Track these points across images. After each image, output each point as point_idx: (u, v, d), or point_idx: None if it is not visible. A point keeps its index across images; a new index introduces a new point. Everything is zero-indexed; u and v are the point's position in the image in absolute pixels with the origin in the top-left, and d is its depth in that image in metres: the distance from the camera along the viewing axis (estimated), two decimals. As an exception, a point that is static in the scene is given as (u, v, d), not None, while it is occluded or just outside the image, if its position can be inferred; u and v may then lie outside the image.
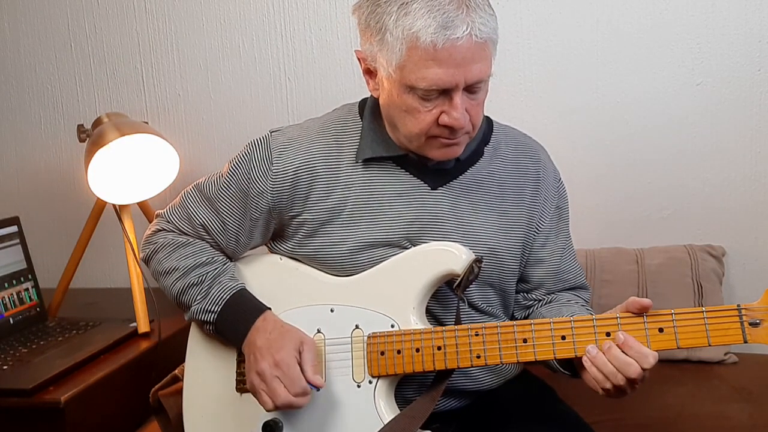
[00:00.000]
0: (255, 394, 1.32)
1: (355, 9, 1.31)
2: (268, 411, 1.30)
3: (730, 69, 2.12)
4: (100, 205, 2.15)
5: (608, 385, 1.21)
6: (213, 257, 1.45)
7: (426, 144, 1.31)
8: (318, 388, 1.30)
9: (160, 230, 1.51)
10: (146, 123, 2.20)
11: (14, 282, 2.02)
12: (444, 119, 1.26)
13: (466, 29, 1.20)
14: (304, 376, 1.28)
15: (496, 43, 1.27)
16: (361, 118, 1.42)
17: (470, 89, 1.26)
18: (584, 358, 1.22)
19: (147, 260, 1.52)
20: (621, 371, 1.19)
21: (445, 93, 1.25)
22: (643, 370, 1.18)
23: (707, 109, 2.14)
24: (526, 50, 2.21)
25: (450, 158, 1.35)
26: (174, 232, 1.49)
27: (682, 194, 2.19)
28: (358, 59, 1.34)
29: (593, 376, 1.22)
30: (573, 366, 1.32)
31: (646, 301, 1.22)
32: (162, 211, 1.53)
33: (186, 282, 1.43)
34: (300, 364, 1.29)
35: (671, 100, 2.15)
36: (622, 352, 1.19)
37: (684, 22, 2.12)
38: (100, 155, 1.97)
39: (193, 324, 1.49)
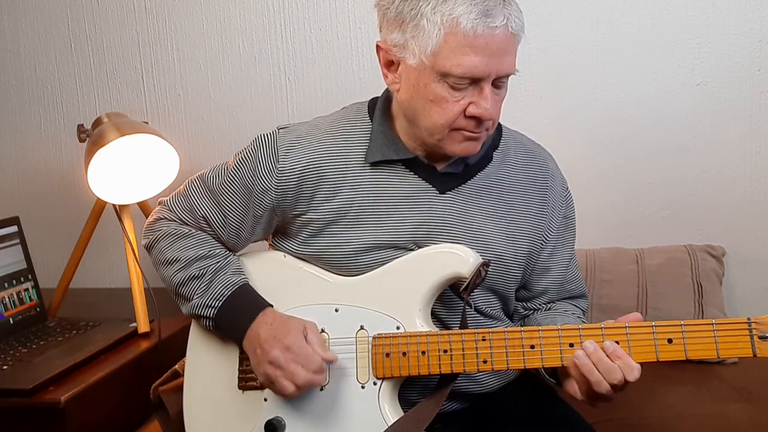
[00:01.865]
0: (272, 384, 1.31)
1: (380, 0, 1.31)
2: (289, 395, 1.30)
3: (730, 69, 2.12)
4: (100, 205, 2.14)
5: (589, 391, 1.22)
6: (215, 250, 1.45)
7: (448, 137, 1.31)
8: (331, 362, 1.31)
9: (162, 218, 1.50)
10: (146, 123, 2.20)
11: (14, 282, 2.02)
12: (472, 110, 1.27)
13: (504, 20, 1.22)
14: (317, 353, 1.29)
15: (521, 41, 1.29)
16: (371, 119, 1.41)
17: (496, 83, 1.28)
18: (571, 365, 1.22)
19: (149, 248, 1.52)
20: (605, 377, 1.19)
21: (475, 83, 1.26)
22: (626, 381, 1.19)
23: (707, 109, 2.15)
24: (526, 50, 2.20)
25: (469, 154, 1.34)
26: (175, 221, 1.49)
27: (682, 194, 2.19)
28: (378, 51, 1.34)
29: (576, 379, 1.23)
30: (556, 373, 1.33)
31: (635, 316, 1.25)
32: (165, 198, 1.53)
33: (187, 274, 1.42)
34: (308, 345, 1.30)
35: (671, 100, 2.16)
36: (609, 359, 1.20)
37: (684, 22, 2.12)
38: (100, 155, 1.97)
39: (193, 319, 1.49)
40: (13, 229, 2.05)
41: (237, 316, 1.38)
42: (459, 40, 1.22)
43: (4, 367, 1.74)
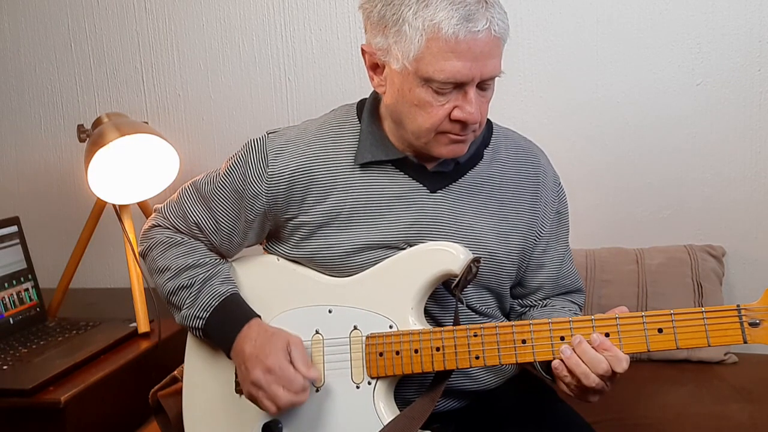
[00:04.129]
0: (256, 403, 1.31)
1: (364, 3, 1.30)
2: (272, 414, 1.30)
3: (730, 69, 2.12)
4: (100, 205, 2.15)
5: (574, 385, 1.22)
6: (205, 258, 1.45)
7: (434, 140, 1.30)
8: (314, 384, 1.30)
9: (156, 226, 1.51)
10: (146, 123, 2.20)
11: (14, 282, 2.02)
12: (457, 114, 1.26)
13: (486, 23, 1.21)
14: (299, 373, 1.29)
15: (506, 42, 1.27)
16: (360, 120, 1.41)
17: (481, 86, 1.27)
18: (554, 363, 1.22)
19: (143, 255, 1.52)
20: (592, 368, 1.19)
21: (459, 87, 1.25)
22: (614, 373, 1.19)
23: (707, 109, 2.14)
24: (526, 50, 2.21)
25: (456, 156, 1.34)
26: (169, 229, 1.49)
27: (682, 194, 2.19)
28: (363, 54, 1.34)
29: (560, 377, 1.23)
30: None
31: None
32: (160, 206, 1.53)
33: (176, 283, 1.43)
34: (292, 363, 1.29)
35: (671, 100, 2.16)
36: (594, 350, 1.20)
37: (684, 22, 2.12)
38: (100, 155, 1.97)
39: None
40: (13, 229, 2.06)
41: (224, 328, 1.37)
42: (441, 46, 1.21)
43: (4, 367, 1.75)
